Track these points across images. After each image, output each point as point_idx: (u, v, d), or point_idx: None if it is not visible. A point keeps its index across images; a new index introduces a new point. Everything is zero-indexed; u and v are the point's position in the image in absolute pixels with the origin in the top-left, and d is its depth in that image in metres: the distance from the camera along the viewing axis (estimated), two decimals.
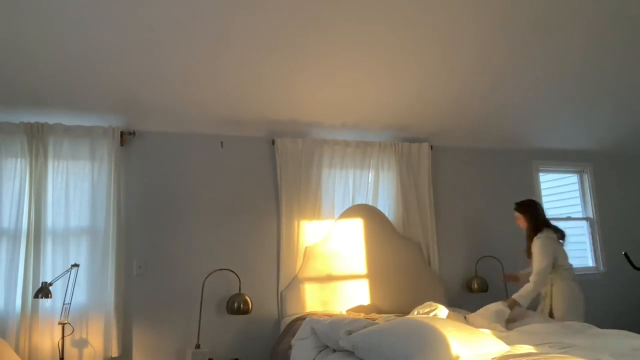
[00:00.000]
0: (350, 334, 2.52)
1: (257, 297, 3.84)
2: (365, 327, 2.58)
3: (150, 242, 3.71)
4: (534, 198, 4.96)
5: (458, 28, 3.40)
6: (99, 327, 3.43)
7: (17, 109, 3.41)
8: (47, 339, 3.32)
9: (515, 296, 3.55)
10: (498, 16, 3.35)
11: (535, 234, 3.69)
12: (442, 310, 3.29)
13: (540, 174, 5.13)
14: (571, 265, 3.72)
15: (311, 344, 2.81)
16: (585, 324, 3.12)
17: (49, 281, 3.20)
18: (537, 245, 3.63)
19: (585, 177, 5.31)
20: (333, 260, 4.01)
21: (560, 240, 3.74)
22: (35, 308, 3.29)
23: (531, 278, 3.56)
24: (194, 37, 3.10)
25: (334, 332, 2.62)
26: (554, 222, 3.84)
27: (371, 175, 4.32)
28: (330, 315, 3.39)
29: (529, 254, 3.74)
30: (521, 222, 3.83)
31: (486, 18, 3.35)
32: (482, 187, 4.79)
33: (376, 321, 2.88)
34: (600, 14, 3.47)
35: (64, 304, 3.24)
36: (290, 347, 3.07)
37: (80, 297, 3.40)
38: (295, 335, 3.02)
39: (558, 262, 3.62)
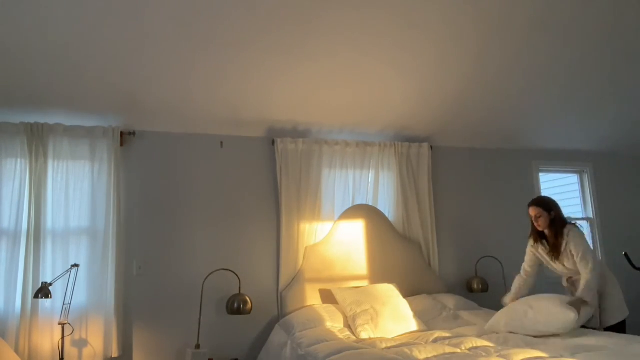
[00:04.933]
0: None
1: (257, 297, 3.83)
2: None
3: (150, 242, 3.71)
4: (535, 196, 4.97)
5: (458, 28, 3.40)
6: (99, 327, 3.43)
7: (17, 109, 3.41)
8: (47, 339, 3.31)
9: (581, 294, 3.10)
10: (498, 16, 3.35)
11: (565, 227, 3.32)
12: None
13: (540, 174, 5.13)
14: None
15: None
16: None
17: (49, 281, 3.20)
18: (576, 235, 3.26)
19: (585, 177, 5.31)
20: (333, 260, 4.01)
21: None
22: (35, 308, 3.29)
23: (587, 272, 3.15)
24: (194, 37, 3.10)
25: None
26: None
27: (371, 176, 4.32)
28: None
29: (556, 255, 3.36)
30: (542, 220, 3.36)
31: (486, 18, 3.35)
32: (482, 187, 4.79)
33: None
34: (600, 13, 3.47)
35: (63, 304, 3.24)
36: None
37: (80, 297, 3.40)
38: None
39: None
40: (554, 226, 3.35)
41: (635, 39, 3.76)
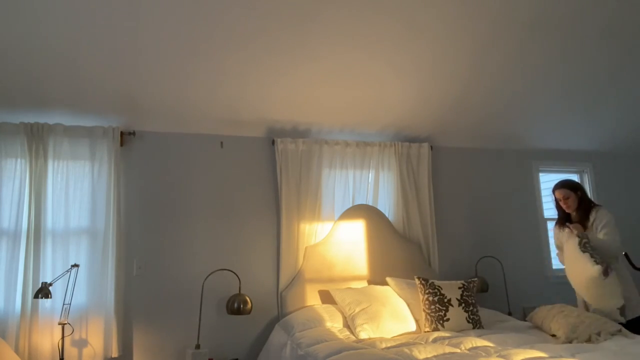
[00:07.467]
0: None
1: (257, 297, 3.84)
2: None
3: (150, 242, 3.71)
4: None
5: (457, 28, 3.40)
6: (99, 327, 3.43)
7: (17, 109, 3.42)
8: (47, 339, 3.32)
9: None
10: (498, 16, 3.36)
11: (593, 208, 3.41)
12: None
13: (540, 174, 5.13)
14: None
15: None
16: None
17: (49, 281, 3.20)
18: (608, 216, 3.34)
19: (585, 177, 5.31)
20: (333, 260, 4.01)
21: None
22: (35, 308, 3.29)
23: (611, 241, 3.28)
24: (194, 37, 3.10)
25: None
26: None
27: (371, 176, 4.32)
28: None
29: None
30: (571, 201, 3.44)
31: (485, 18, 3.35)
32: (482, 187, 4.79)
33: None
34: (600, 13, 3.47)
35: (63, 304, 3.24)
36: None
37: (80, 297, 3.40)
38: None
39: None
40: (582, 206, 3.44)
41: (635, 39, 3.76)
